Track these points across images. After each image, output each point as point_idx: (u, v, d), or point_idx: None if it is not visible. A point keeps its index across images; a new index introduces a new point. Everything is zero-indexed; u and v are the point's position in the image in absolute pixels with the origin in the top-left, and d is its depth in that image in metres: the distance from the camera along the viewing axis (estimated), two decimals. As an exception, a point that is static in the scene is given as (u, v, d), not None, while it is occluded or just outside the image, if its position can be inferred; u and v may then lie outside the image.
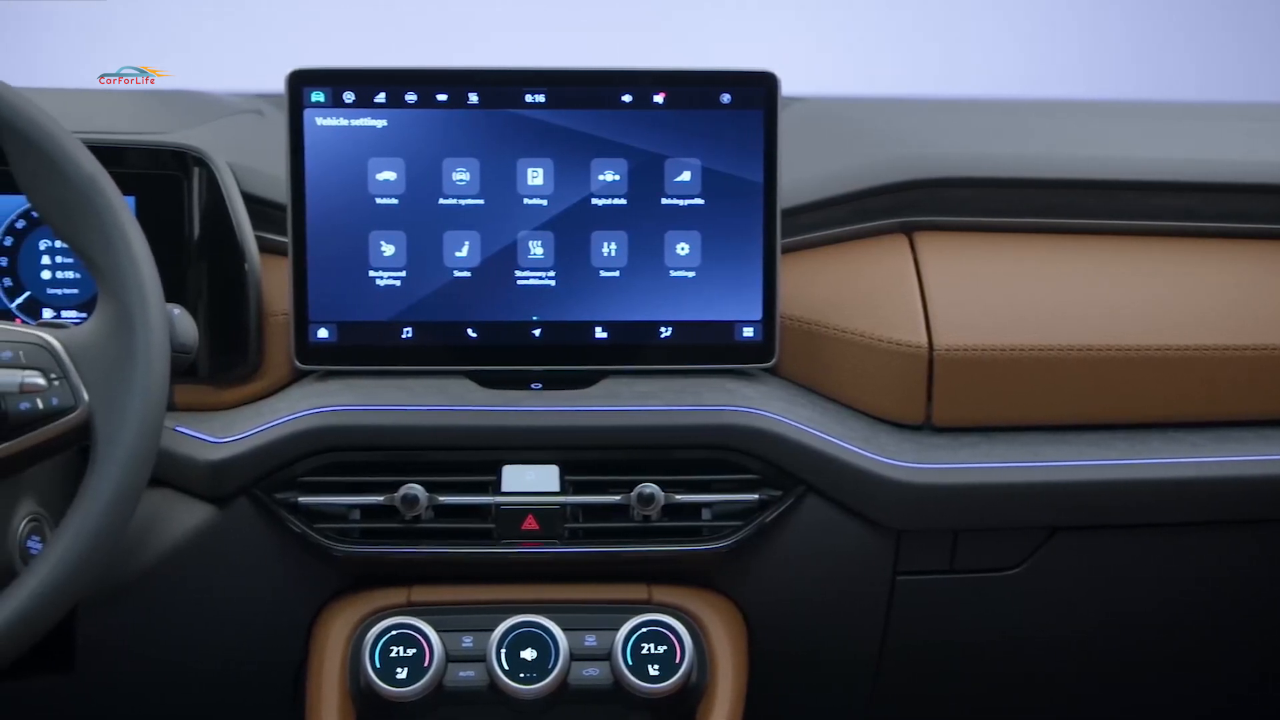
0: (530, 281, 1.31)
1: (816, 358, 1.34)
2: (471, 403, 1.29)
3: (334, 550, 1.27)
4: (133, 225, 1.07)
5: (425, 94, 1.30)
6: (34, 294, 1.33)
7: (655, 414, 1.28)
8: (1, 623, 1.00)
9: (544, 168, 1.30)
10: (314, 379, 1.32)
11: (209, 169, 1.31)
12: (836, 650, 1.38)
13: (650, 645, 1.26)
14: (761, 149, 1.30)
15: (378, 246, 1.30)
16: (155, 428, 1.05)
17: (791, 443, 1.28)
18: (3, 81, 1.06)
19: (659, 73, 1.30)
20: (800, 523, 1.30)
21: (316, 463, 1.27)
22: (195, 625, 1.32)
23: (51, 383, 1.04)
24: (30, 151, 1.05)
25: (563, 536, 1.28)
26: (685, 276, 1.32)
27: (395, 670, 1.24)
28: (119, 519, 1.04)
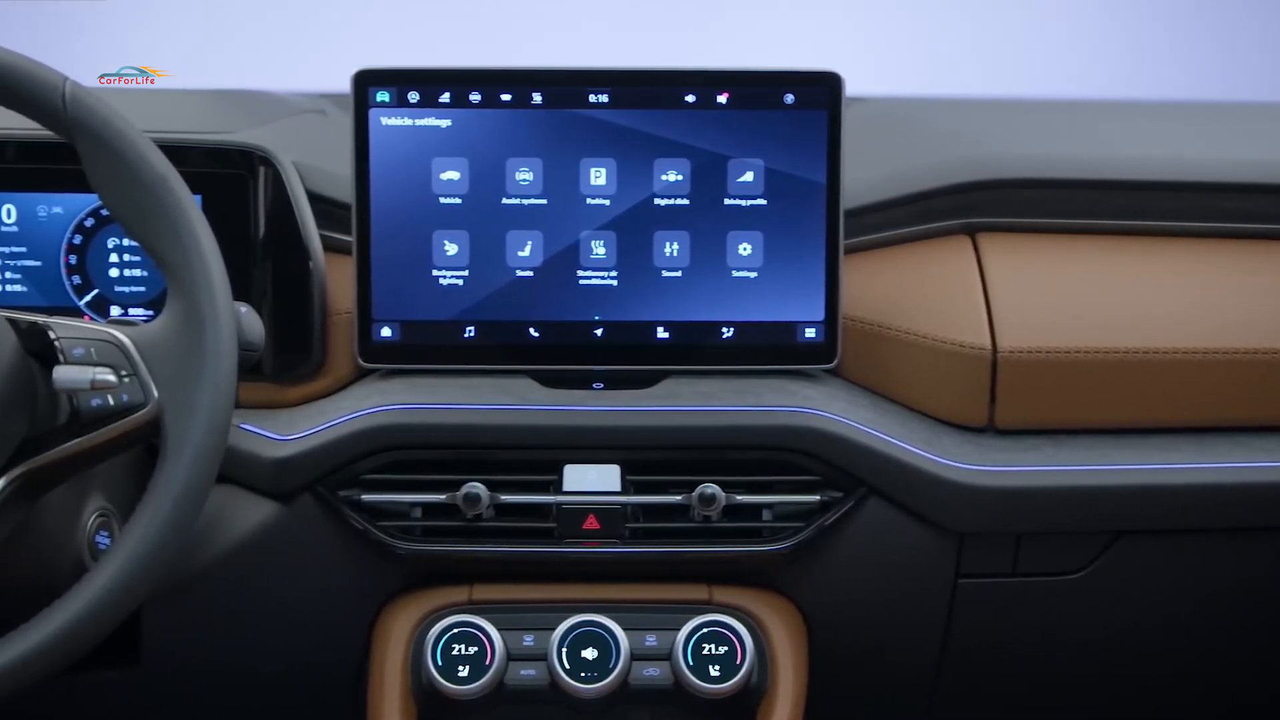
0: (592, 281, 1.32)
1: (878, 359, 1.33)
2: (533, 402, 1.29)
3: (396, 548, 1.28)
4: (202, 224, 1.07)
5: (489, 94, 1.30)
6: (102, 291, 1.34)
7: (717, 414, 1.28)
8: (73, 617, 1.01)
9: (607, 168, 1.31)
10: (376, 377, 1.33)
11: (274, 168, 1.32)
12: (896, 653, 1.38)
13: (711, 646, 1.26)
14: (825, 149, 1.30)
15: (441, 246, 1.31)
16: (224, 425, 1.06)
17: (853, 444, 1.27)
18: (76, 82, 1.07)
19: (722, 73, 1.30)
20: (861, 524, 1.30)
21: (379, 461, 1.28)
22: (258, 620, 1.33)
23: (122, 379, 1.05)
24: (103, 151, 1.06)
25: (623, 536, 1.28)
26: (747, 277, 1.31)
27: (457, 668, 1.24)
28: (188, 515, 1.04)
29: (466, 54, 1.40)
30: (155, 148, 1.08)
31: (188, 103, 1.53)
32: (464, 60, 1.32)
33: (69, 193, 1.33)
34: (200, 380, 1.05)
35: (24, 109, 1.07)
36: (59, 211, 1.33)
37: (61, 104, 1.06)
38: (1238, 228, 1.40)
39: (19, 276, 1.33)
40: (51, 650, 1.01)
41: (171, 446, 1.05)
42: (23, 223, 1.33)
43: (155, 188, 1.06)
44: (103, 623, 1.03)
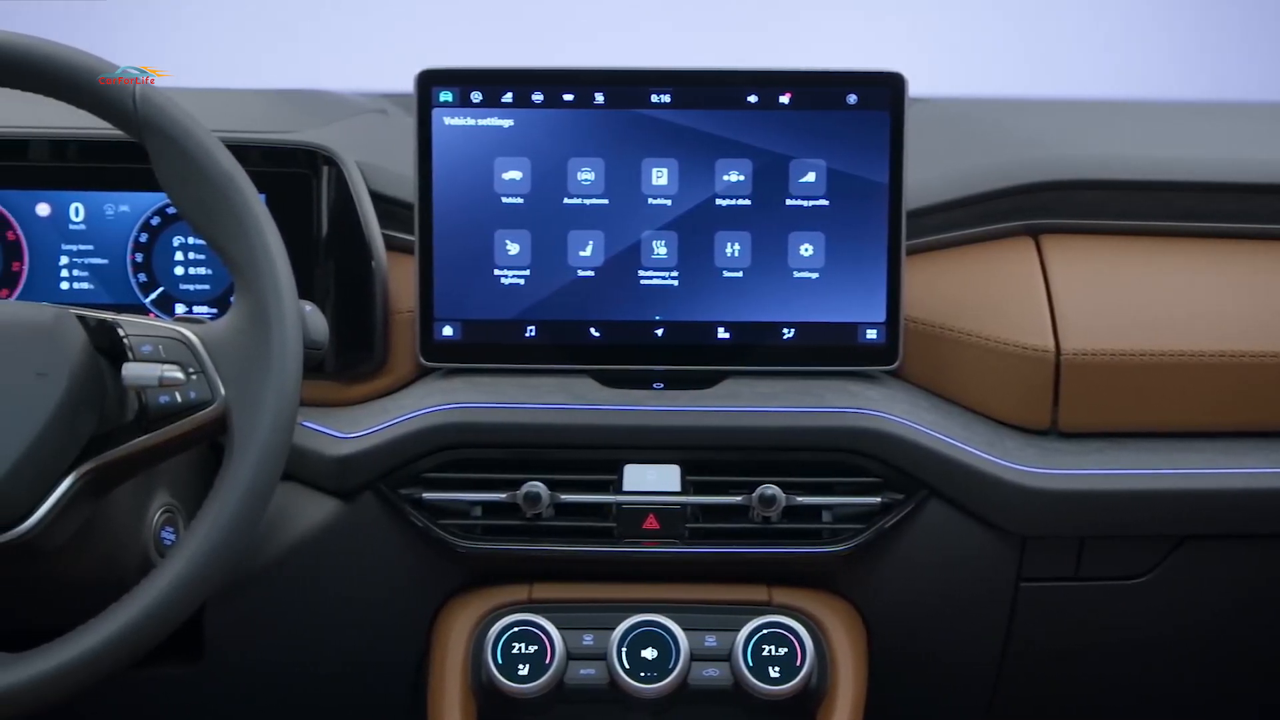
0: (653, 281, 1.32)
1: (940, 361, 1.33)
2: (594, 402, 1.30)
3: (456, 546, 1.28)
4: (269, 223, 1.08)
5: (552, 94, 1.30)
6: (167, 289, 1.35)
7: (778, 415, 1.28)
8: (140, 613, 1.02)
9: (669, 168, 1.31)
10: (437, 376, 1.34)
11: (338, 167, 1.33)
12: (957, 656, 1.37)
13: (771, 647, 1.25)
14: (887, 150, 1.29)
15: (503, 245, 1.31)
16: (289, 422, 1.06)
17: (915, 446, 1.27)
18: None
19: (785, 73, 1.30)
20: (922, 527, 1.29)
21: (440, 459, 1.28)
22: (319, 618, 1.34)
23: (190, 377, 1.06)
24: (172, 150, 1.07)
25: (683, 536, 1.28)
26: (809, 278, 1.31)
27: (517, 666, 1.25)
28: (254, 512, 1.05)
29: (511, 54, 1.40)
30: (223, 147, 1.08)
31: (251, 102, 1.54)
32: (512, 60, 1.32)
33: (136, 191, 1.34)
34: (266, 378, 1.06)
35: (95, 108, 1.08)
36: (126, 210, 1.35)
37: (132, 104, 1.07)
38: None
39: (86, 274, 1.35)
40: (119, 646, 1.02)
41: (238, 444, 1.05)
42: (90, 221, 1.35)
43: (223, 187, 1.07)
44: (169, 619, 1.04)
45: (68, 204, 1.34)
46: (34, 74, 1.07)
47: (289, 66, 1.87)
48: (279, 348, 1.06)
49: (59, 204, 1.34)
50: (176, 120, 1.07)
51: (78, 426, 1.05)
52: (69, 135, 1.34)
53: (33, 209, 1.34)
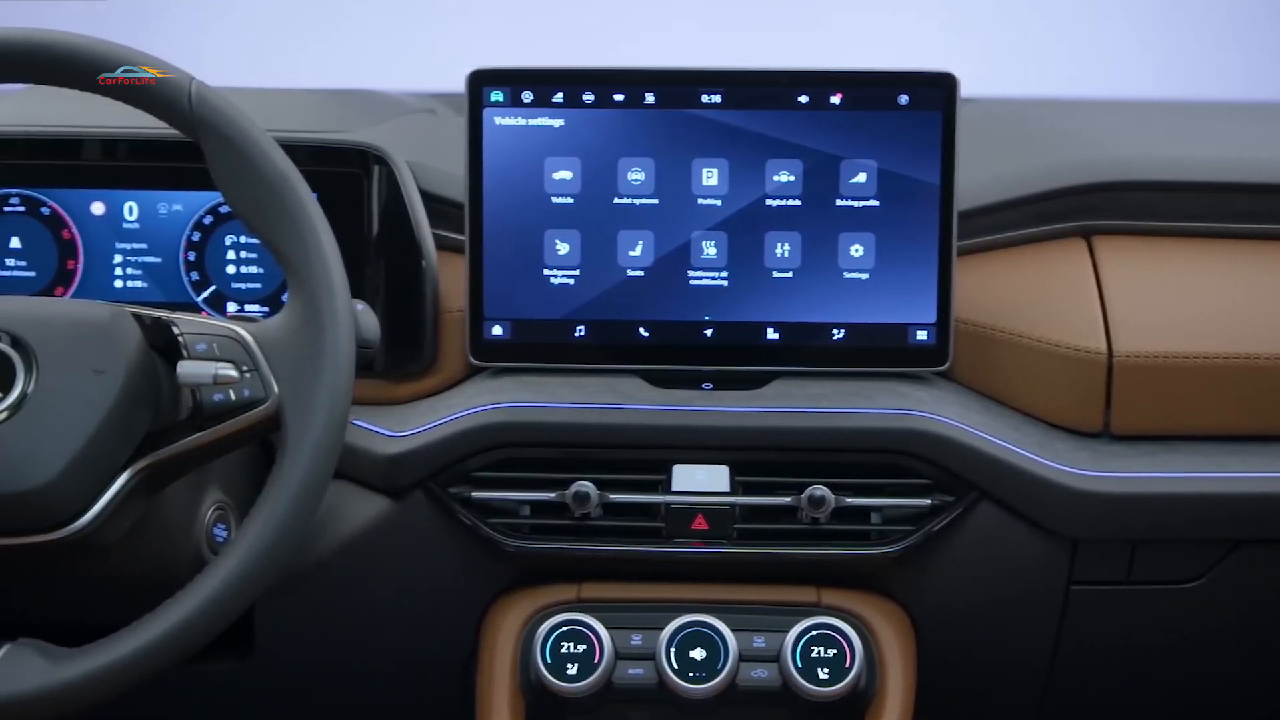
0: (703, 281, 1.32)
1: (990, 362, 1.32)
2: (643, 402, 1.30)
3: (505, 545, 1.28)
4: (322, 222, 1.09)
5: (602, 94, 1.30)
6: (219, 288, 1.36)
7: (828, 416, 1.28)
8: (194, 609, 1.03)
9: (719, 168, 1.31)
10: (487, 375, 1.34)
11: (389, 167, 1.33)
12: (1006, 658, 1.36)
13: (820, 648, 1.25)
14: (939, 150, 1.29)
15: (553, 245, 1.32)
16: (342, 421, 1.07)
17: (965, 448, 1.26)
18: (202, 82, 1.08)
19: (836, 73, 1.30)
20: (972, 529, 1.29)
21: (490, 458, 1.29)
22: (368, 615, 1.34)
23: (244, 375, 1.07)
24: (226, 149, 1.08)
25: (731, 537, 1.28)
26: (859, 278, 1.31)
27: (566, 666, 1.25)
28: (307, 510, 1.06)
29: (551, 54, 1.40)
30: (277, 146, 1.09)
31: (302, 102, 1.55)
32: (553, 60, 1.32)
33: (189, 190, 1.35)
34: (319, 376, 1.06)
35: (151, 108, 1.09)
36: (179, 209, 1.36)
37: (188, 103, 1.07)
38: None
39: (139, 273, 1.36)
40: (172, 642, 1.03)
41: (291, 442, 1.06)
42: (144, 220, 1.36)
43: (277, 186, 1.08)
44: (223, 615, 1.04)
45: (122, 203, 1.36)
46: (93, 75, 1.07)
47: (324, 66, 1.88)
48: (332, 346, 1.06)
49: (113, 203, 1.36)
50: (231, 119, 1.08)
51: (133, 424, 1.06)
52: (123, 135, 1.35)
53: (87, 208, 1.36)
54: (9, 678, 1.01)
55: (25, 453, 1.02)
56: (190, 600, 1.03)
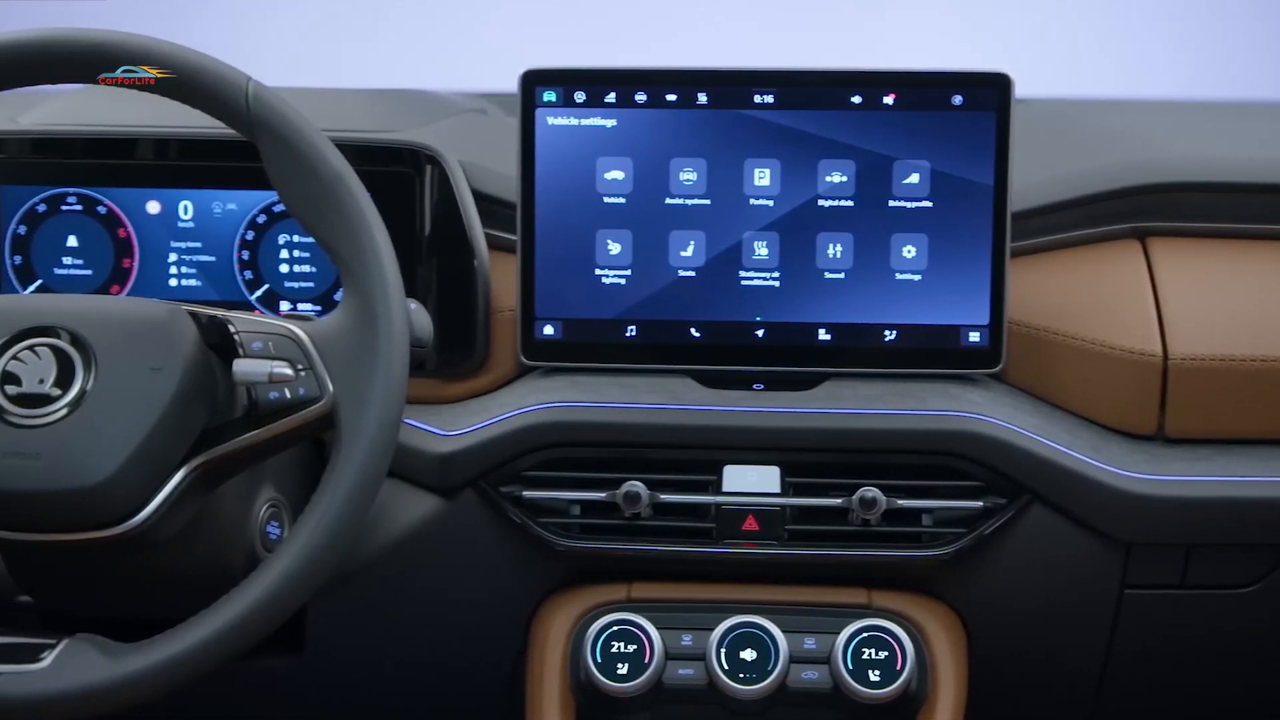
0: (754, 282, 1.31)
1: (1044, 364, 1.31)
2: (694, 402, 1.30)
3: (555, 544, 1.28)
4: (377, 222, 1.09)
5: (655, 94, 1.30)
6: (272, 287, 1.37)
7: (880, 418, 1.27)
8: (250, 606, 1.03)
9: (771, 168, 1.30)
10: (538, 375, 1.34)
11: (441, 167, 1.34)
12: (1059, 662, 1.35)
13: (871, 650, 1.25)
14: (993, 151, 1.28)
15: (604, 245, 1.32)
16: (396, 419, 1.07)
17: (1018, 450, 1.26)
18: (259, 82, 1.09)
19: (889, 74, 1.29)
20: (1024, 532, 1.28)
21: (541, 458, 1.29)
22: (419, 613, 1.35)
23: (299, 373, 1.07)
24: (283, 149, 1.08)
25: (782, 538, 1.28)
26: (911, 279, 1.30)
27: (616, 665, 1.25)
28: (361, 508, 1.06)
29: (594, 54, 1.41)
30: (333, 146, 1.09)
31: (354, 102, 1.55)
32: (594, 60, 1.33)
33: (243, 190, 1.36)
34: (374, 375, 1.06)
35: (209, 107, 1.09)
36: (233, 208, 1.37)
37: (245, 103, 1.08)
38: None
39: (194, 271, 1.37)
40: (228, 638, 1.04)
41: (346, 440, 1.06)
42: (199, 219, 1.37)
43: (333, 185, 1.08)
44: (278, 612, 1.05)
45: (177, 202, 1.37)
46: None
47: (362, 66, 1.89)
48: (386, 345, 1.07)
49: (169, 202, 1.37)
50: (288, 119, 1.08)
51: (189, 421, 1.07)
52: (179, 134, 1.36)
53: (143, 207, 1.37)
54: (68, 672, 1.02)
55: (84, 449, 1.02)
56: (246, 597, 1.04)
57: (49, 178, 1.37)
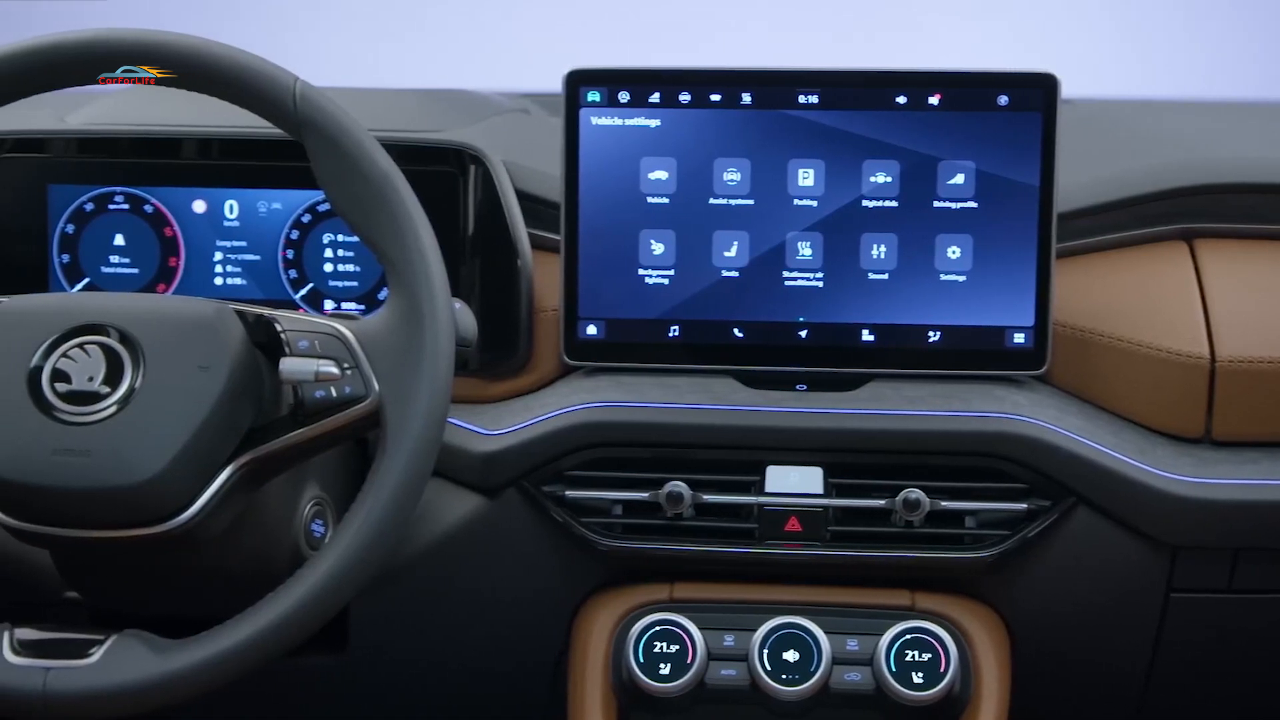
0: (798, 282, 1.31)
1: (1089, 366, 1.31)
2: (736, 403, 1.29)
3: (597, 544, 1.28)
4: (424, 222, 1.09)
5: (699, 94, 1.30)
6: (317, 286, 1.38)
7: (923, 419, 1.27)
8: (296, 603, 1.04)
9: (815, 169, 1.30)
10: (580, 374, 1.34)
11: (485, 166, 1.34)
12: (1103, 665, 1.34)
13: (914, 652, 1.24)
14: (1039, 152, 1.28)
15: (648, 245, 1.32)
16: (441, 418, 1.07)
17: (1063, 452, 1.25)
18: (306, 82, 1.09)
19: (935, 74, 1.29)
20: (1069, 534, 1.27)
21: (583, 457, 1.29)
22: (461, 612, 1.35)
23: (344, 372, 1.07)
24: (330, 148, 1.08)
25: (825, 539, 1.28)
26: (956, 280, 1.30)
27: (658, 666, 1.25)
28: (406, 506, 1.06)
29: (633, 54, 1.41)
30: (380, 146, 1.10)
31: (397, 101, 1.55)
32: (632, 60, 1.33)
33: (288, 189, 1.37)
34: (419, 374, 1.07)
35: (256, 107, 1.10)
36: (278, 207, 1.37)
37: (292, 102, 1.08)
38: None
39: (239, 270, 1.37)
40: (274, 635, 1.04)
41: (391, 439, 1.06)
42: (244, 218, 1.37)
43: (379, 185, 1.08)
44: (324, 610, 1.05)
45: (223, 201, 1.37)
46: (203, 75, 1.09)
47: (398, 65, 1.89)
48: (431, 344, 1.07)
49: (214, 201, 1.37)
50: (335, 119, 1.09)
51: (236, 419, 1.07)
52: (225, 134, 1.37)
53: (189, 206, 1.37)
54: (117, 667, 1.03)
55: (132, 447, 1.03)
56: (292, 594, 1.04)
57: (96, 177, 1.38)
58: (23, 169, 1.38)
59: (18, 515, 1.06)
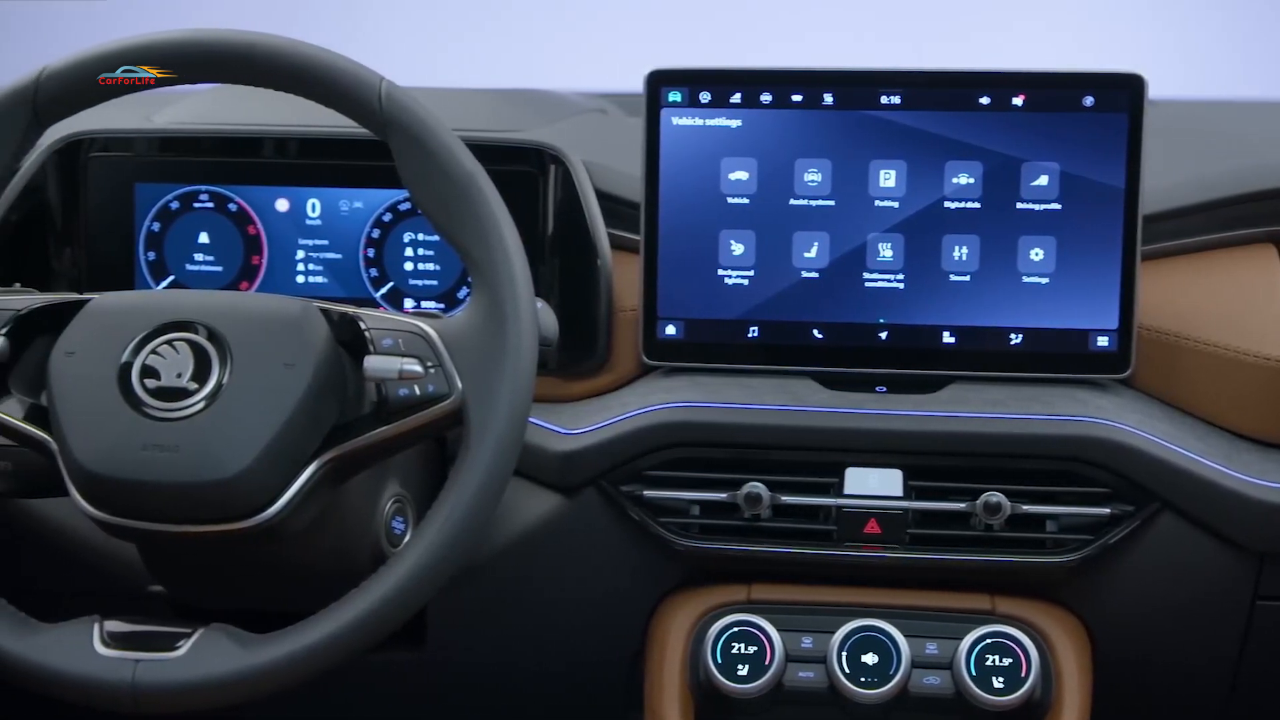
0: (878, 284, 1.31)
1: (1173, 370, 1.29)
2: (816, 404, 1.29)
3: (675, 544, 1.28)
4: (507, 221, 1.09)
5: (780, 94, 1.30)
6: (397, 284, 1.38)
7: (1005, 422, 1.26)
8: (380, 599, 1.04)
9: (897, 169, 1.29)
10: (659, 375, 1.34)
11: (565, 166, 1.35)
12: (1186, 672, 1.33)
13: (995, 657, 1.23)
14: (1124, 153, 1.26)
15: (727, 245, 1.32)
16: (523, 417, 1.08)
17: (1148, 457, 1.24)
18: (391, 82, 1.10)
19: (1019, 74, 1.28)
20: (1153, 540, 1.26)
21: (662, 457, 1.29)
22: (537, 610, 1.35)
23: (428, 370, 1.08)
24: (415, 148, 1.09)
25: (904, 542, 1.27)
26: (1038, 283, 1.29)
27: (736, 667, 1.25)
28: (489, 505, 1.06)
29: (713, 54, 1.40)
30: (464, 146, 1.10)
31: (475, 101, 1.56)
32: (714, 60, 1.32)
33: (370, 188, 1.38)
34: (502, 373, 1.07)
35: (342, 106, 1.11)
36: (359, 206, 1.38)
37: (378, 102, 1.09)
38: None
39: (320, 269, 1.39)
40: (358, 631, 1.05)
41: (474, 437, 1.07)
42: (326, 217, 1.38)
43: (464, 185, 1.09)
44: (406, 606, 1.06)
45: (305, 200, 1.38)
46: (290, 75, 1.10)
47: (464, 66, 1.90)
48: (514, 343, 1.07)
49: (297, 200, 1.39)
50: (420, 119, 1.09)
51: (321, 416, 1.08)
52: (307, 133, 1.38)
53: (272, 205, 1.39)
54: (204, 661, 1.04)
55: (220, 443, 1.04)
56: (376, 591, 1.05)
57: (182, 176, 1.39)
58: (111, 168, 1.40)
59: (107, 509, 1.07)
